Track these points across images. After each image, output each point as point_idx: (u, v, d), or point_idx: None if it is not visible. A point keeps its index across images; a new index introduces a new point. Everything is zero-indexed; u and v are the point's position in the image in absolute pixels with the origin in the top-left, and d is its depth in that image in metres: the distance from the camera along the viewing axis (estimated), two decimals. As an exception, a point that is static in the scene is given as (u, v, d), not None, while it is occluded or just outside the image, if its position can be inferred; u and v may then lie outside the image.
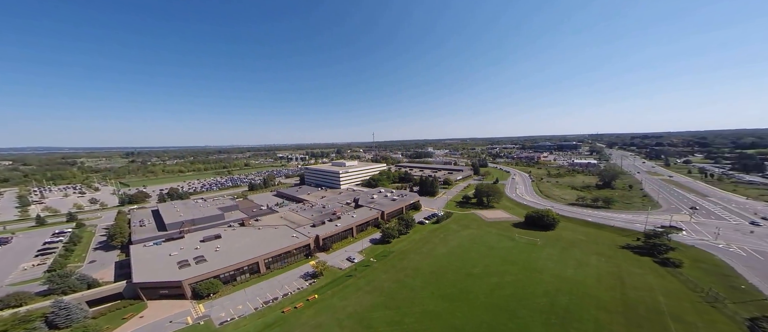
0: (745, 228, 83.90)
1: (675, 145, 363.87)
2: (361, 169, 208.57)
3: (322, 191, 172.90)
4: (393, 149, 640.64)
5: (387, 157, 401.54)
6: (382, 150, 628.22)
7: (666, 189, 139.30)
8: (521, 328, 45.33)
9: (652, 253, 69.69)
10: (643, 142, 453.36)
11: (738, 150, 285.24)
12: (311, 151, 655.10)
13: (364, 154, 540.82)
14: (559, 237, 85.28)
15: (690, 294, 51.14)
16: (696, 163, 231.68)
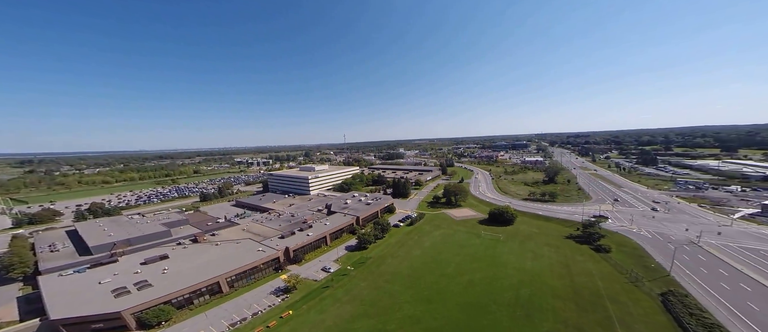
0: (648, 214, 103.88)
1: (598, 143, 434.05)
2: (333, 173, 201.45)
3: (290, 198, 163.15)
4: (366, 150, 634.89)
5: (360, 159, 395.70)
6: (354, 152, 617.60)
7: (594, 183, 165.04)
8: (493, 324, 49.00)
9: (588, 241, 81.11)
10: (576, 140, 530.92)
11: (640, 147, 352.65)
12: (275, 155, 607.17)
13: (334, 156, 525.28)
14: (517, 231, 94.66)
15: (619, 277, 61.41)
16: (613, 158, 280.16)
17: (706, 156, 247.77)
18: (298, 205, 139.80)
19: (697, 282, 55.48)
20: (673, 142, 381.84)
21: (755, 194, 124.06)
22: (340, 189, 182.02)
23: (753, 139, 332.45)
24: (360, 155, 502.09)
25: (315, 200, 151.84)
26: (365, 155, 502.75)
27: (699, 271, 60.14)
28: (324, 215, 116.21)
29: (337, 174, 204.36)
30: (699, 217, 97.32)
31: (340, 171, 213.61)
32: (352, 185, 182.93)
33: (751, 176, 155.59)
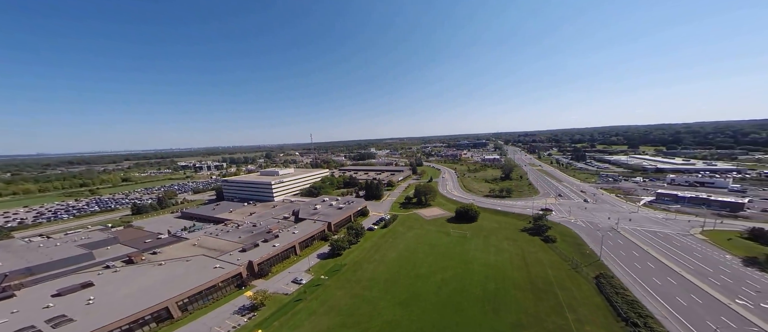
0: (582, 205, 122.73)
1: (542, 142, 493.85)
2: (299, 177, 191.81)
3: (250, 206, 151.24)
4: (335, 151, 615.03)
5: (329, 160, 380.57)
6: (322, 152, 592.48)
7: (541, 178, 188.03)
8: (466, 321, 52.94)
9: (538, 233, 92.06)
10: (525, 139, 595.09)
11: (573, 144, 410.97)
12: (230, 157, 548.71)
13: (301, 157, 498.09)
14: (481, 227, 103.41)
15: (563, 265, 71.87)
16: (554, 155, 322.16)
17: (618, 152, 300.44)
18: (261, 214, 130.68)
19: (618, 264, 68.00)
20: (596, 140, 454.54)
21: (652, 184, 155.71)
22: (308, 193, 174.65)
23: (648, 137, 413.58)
24: (329, 156, 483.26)
25: (280, 207, 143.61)
26: (335, 156, 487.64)
27: (619, 254, 73.77)
28: (291, 223, 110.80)
29: (305, 177, 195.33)
30: (616, 206, 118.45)
31: (308, 174, 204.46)
32: (322, 189, 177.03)
33: (648, 168, 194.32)
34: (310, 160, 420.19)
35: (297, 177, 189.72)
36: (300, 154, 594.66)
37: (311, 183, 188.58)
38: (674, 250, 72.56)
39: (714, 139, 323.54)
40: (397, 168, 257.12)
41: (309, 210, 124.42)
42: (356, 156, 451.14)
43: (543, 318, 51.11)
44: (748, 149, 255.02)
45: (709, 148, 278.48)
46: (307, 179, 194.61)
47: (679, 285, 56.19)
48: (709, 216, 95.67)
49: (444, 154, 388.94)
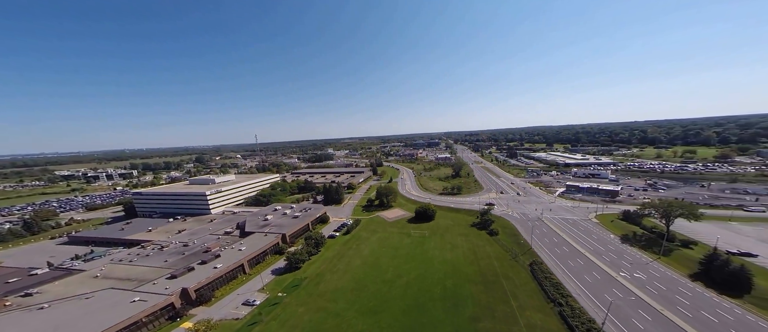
0: (516, 198, 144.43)
1: (484, 141, 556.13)
2: (243, 184, 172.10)
3: (178, 222, 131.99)
4: (286, 152, 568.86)
5: (279, 163, 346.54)
6: (271, 153, 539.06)
7: (484, 175, 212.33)
8: (432, 322, 56.38)
9: (484, 227, 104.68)
10: (470, 138, 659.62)
11: (507, 143, 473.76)
12: (143, 162, 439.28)
13: (243, 160, 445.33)
14: (438, 225, 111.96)
15: (506, 255, 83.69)
16: (493, 153, 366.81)
17: (539, 149, 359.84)
18: (194, 230, 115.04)
19: (545, 251, 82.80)
20: (524, 138, 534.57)
21: (562, 177, 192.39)
22: (255, 202, 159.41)
23: (559, 137, 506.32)
24: (279, 158, 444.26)
25: (219, 220, 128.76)
26: (286, 158, 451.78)
27: (545, 241, 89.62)
28: (236, 238, 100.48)
29: (250, 184, 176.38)
30: (540, 197, 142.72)
31: (254, 180, 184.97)
32: (273, 196, 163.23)
33: (560, 163, 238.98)
34: (256, 163, 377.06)
35: (240, 185, 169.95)
36: (242, 156, 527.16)
37: (259, 190, 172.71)
38: (579, 234, 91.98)
39: (599, 138, 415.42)
40: (357, 169, 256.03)
41: (258, 221, 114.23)
42: (312, 157, 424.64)
43: (493, 308, 59.00)
44: (619, 146, 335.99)
45: (596, 146, 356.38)
46: (253, 186, 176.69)
47: (585, 264, 71.92)
48: (599, 203, 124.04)
49: (402, 153, 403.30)
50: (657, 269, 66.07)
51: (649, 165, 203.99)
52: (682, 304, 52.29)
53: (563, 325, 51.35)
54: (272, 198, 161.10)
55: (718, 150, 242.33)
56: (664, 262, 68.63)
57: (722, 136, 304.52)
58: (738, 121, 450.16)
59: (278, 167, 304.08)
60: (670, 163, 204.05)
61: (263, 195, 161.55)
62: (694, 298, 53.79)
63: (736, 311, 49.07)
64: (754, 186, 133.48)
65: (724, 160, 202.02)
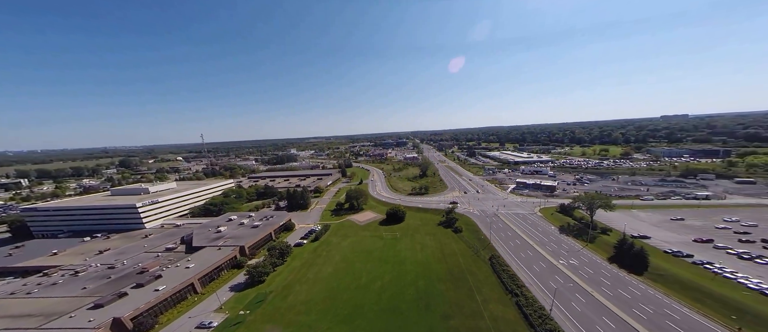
0: (476, 196, 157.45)
1: (447, 140, 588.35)
2: (187, 193, 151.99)
3: (98, 241, 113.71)
4: (242, 153, 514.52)
5: (233, 166, 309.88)
6: (222, 155, 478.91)
7: (448, 174, 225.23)
8: (406, 323, 57.96)
9: (450, 225, 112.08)
10: (435, 137, 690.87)
11: (467, 143, 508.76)
12: (37, 168, 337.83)
13: (187, 164, 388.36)
14: (408, 226, 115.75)
15: (469, 251, 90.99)
16: (455, 152, 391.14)
17: (494, 149, 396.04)
18: (122, 249, 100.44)
19: (501, 245, 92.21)
20: (481, 138, 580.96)
21: (513, 174, 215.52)
22: (204, 212, 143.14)
23: (509, 136, 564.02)
24: (233, 161, 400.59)
25: (158, 236, 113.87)
26: (242, 160, 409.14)
27: (501, 235, 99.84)
28: (181, 254, 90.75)
29: (196, 192, 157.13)
30: (496, 194, 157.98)
31: (202, 187, 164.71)
32: (226, 204, 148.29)
33: (510, 161, 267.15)
34: (204, 167, 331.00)
35: (183, 194, 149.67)
36: (185, 159, 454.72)
37: (208, 198, 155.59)
38: (528, 227, 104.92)
39: (540, 138, 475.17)
40: (324, 171, 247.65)
41: (208, 234, 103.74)
42: (272, 159, 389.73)
43: (462, 304, 63.64)
44: (555, 145, 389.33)
45: (538, 145, 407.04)
46: (199, 194, 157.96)
47: (533, 255, 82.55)
48: (542, 197, 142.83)
49: (372, 153, 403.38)
50: (586, 255, 79.36)
51: (576, 161, 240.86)
52: (605, 285, 64.09)
53: (520, 314, 58.22)
54: (225, 207, 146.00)
55: (622, 148, 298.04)
56: (590, 249, 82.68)
57: (625, 137, 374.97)
58: (635, 124, 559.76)
59: (232, 171, 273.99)
60: (591, 160, 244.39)
61: (214, 204, 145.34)
62: (613, 278, 66.36)
63: (641, 286, 62.19)
64: (646, 178, 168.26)
65: (626, 156, 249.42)
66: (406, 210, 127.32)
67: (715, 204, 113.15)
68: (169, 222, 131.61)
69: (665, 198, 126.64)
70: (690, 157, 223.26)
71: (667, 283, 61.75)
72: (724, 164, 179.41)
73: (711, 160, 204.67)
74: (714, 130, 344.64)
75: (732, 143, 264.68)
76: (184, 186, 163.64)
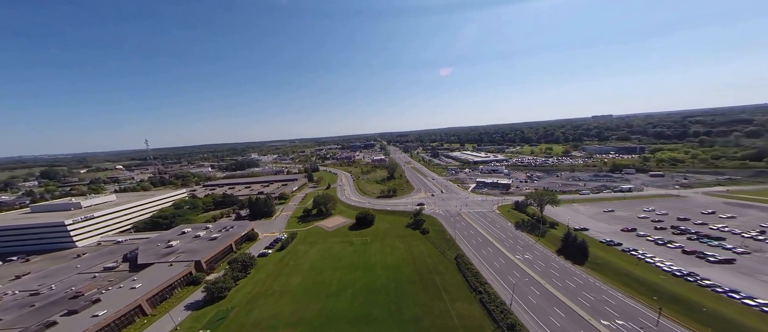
0: (440, 196, 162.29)
1: (412, 141, 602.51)
2: (130, 206, 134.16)
3: (16, 264, 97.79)
4: (195, 159, 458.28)
5: (185, 174, 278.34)
6: (172, 163, 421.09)
7: (414, 175, 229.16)
8: (379, 329, 56.47)
9: (418, 227, 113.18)
10: (401, 139, 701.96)
11: (430, 143, 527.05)
12: None
13: (129, 173, 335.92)
14: (378, 230, 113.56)
15: (436, 252, 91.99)
16: (420, 153, 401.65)
17: (455, 149, 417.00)
18: (47, 272, 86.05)
19: (465, 243, 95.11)
20: (443, 139, 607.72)
21: (473, 173, 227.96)
22: (152, 226, 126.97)
23: (468, 137, 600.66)
24: (185, 168, 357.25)
25: (94, 255, 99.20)
26: (195, 167, 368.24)
27: (464, 234, 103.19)
28: (125, 273, 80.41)
29: (140, 205, 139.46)
30: (459, 194, 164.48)
31: (148, 199, 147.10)
32: (178, 216, 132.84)
33: (470, 161, 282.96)
34: (150, 176, 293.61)
35: (125, 207, 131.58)
36: (127, 167, 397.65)
37: (156, 210, 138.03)
38: (488, 224, 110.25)
39: (495, 138, 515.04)
40: (289, 176, 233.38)
41: (157, 249, 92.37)
42: (231, 165, 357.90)
43: (431, 305, 63.42)
44: (508, 144, 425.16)
45: (494, 144, 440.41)
46: (145, 207, 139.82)
47: (494, 252, 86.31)
48: (499, 195, 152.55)
49: (339, 156, 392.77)
50: (538, 249, 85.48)
51: (526, 159, 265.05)
52: (555, 276, 69.17)
53: (484, 310, 59.63)
54: (177, 219, 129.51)
55: (564, 146, 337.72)
56: (542, 243, 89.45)
57: (565, 136, 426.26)
58: (572, 124, 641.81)
59: (184, 179, 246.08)
60: (539, 158, 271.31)
61: (163, 217, 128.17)
62: (561, 270, 72.03)
63: (583, 276, 68.43)
64: (583, 174, 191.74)
65: (567, 154, 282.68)
66: (375, 213, 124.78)
67: (635, 196, 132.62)
68: (108, 239, 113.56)
69: (598, 192, 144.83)
70: (615, 153, 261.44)
71: (603, 271, 68.90)
72: (640, 159, 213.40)
73: (631, 155, 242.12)
74: (631, 128, 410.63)
75: (645, 140, 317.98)
76: (125, 199, 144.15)
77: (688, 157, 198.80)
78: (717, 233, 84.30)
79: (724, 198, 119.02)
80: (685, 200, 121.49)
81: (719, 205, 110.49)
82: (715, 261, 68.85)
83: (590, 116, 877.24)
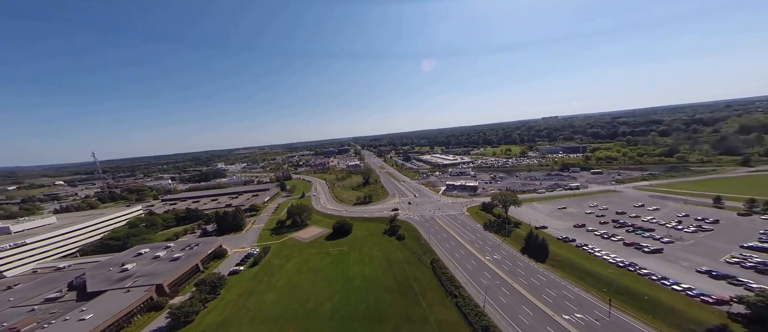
0: (414, 201, 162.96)
1: (385, 145, 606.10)
2: (74, 228, 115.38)
3: None
4: (152, 171, 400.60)
5: (141, 188, 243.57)
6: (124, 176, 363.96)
7: (388, 181, 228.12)
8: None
9: (394, 233, 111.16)
10: (375, 143, 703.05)
11: (402, 147, 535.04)
12: None
13: (71, 188, 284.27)
14: (355, 238, 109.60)
15: (412, 258, 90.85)
16: (394, 157, 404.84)
17: (426, 152, 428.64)
18: None
19: (439, 247, 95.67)
20: (414, 142, 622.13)
21: (443, 176, 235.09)
22: (103, 248, 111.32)
23: (437, 139, 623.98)
24: (140, 181, 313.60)
25: (29, 285, 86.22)
26: (153, 179, 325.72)
27: (438, 238, 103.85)
28: (72, 303, 70.52)
29: (88, 226, 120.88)
30: (431, 198, 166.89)
31: (97, 220, 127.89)
32: (134, 236, 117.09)
33: (440, 164, 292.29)
34: (97, 191, 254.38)
35: (68, 230, 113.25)
36: (69, 183, 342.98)
37: (107, 230, 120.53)
38: (459, 227, 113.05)
39: (461, 140, 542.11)
40: (260, 186, 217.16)
41: (110, 274, 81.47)
42: (195, 177, 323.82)
43: (410, 313, 62.20)
44: (474, 146, 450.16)
45: (460, 146, 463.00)
46: (92, 229, 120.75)
47: (466, 254, 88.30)
48: (467, 197, 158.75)
49: (313, 163, 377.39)
50: (505, 249, 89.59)
51: (489, 161, 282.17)
52: (521, 275, 72.68)
53: (460, 314, 59.99)
54: (132, 239, 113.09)
55: (521, 147, 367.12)
56: (508, 242, 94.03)
57: (521, 137, 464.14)
58: (526, 124, 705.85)
59: (139, 193, 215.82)
60: (500, 159, 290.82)
61: (116, 238, 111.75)
62: (526, 268, 76.03)
63: (545, 273, 72.97)
64: (538, 173, 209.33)
65: (524, 155, 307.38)
66: (352, 221, 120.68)
67: (582, 193, 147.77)
68: (47, 266, 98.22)
69: (553, 190, 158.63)
70: (563, 152, 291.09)
71: (562, 267, 74.23)
72: (583, 158, 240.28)
73: (576, 154, 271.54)
74: (574, 129, 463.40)
75: (586, 140, 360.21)
76: (68, 220, 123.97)
77: (620, 155, 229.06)
78: (648, 225, 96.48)
79: (649, 192, 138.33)
80: (620, 195, 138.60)
81: (646, 198, 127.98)
82: (649, 252, 78.44)
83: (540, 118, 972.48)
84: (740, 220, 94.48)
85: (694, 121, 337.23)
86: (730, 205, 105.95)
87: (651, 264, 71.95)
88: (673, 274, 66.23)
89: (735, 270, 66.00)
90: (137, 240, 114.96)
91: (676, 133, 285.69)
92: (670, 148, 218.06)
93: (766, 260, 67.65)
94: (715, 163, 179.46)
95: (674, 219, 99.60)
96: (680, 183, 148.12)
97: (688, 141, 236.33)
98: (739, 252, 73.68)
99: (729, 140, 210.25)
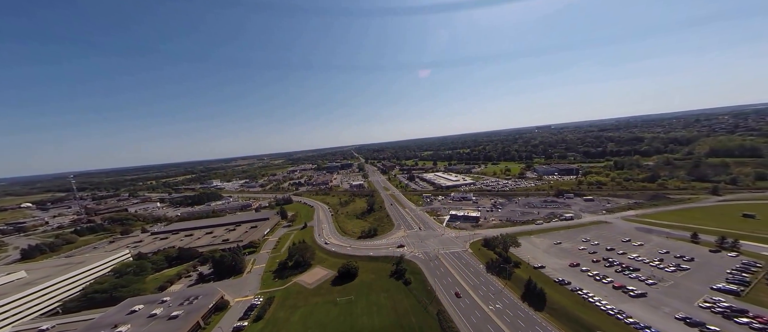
0: (419, 234, 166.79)
1: (389, 159, 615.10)
2: (53, 283, 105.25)
3: None
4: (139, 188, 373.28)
5: (126, 218, 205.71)
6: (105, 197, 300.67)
7: (393, 207, 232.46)
8: None
9: (400, 276, 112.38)
10: (377, 154, 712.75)
11: (406, 162, 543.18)
12: None
13: (41, 214, 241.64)
14: (362, 282, 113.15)
15: (419, 307, 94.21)
16: (397, 175, 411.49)
17: (429, 169, 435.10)
18: None
19: (444, 295, 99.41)
20: (417, 154, 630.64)
21: (446, 201, 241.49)
22: (88, 303, 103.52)
23: (439, 150, 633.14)
24: (123, 203, 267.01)
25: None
26: (139, 201, 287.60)
27: (443, 283, 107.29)
28: None
29: (67, 279, 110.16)
30: (435, 229, 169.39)
31: (76, 271, 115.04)
32: (123, 287, 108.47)
33: (443, 186, 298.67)
34: (73, 219, 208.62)
35: (40, 287, 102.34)
36: (39, 205, 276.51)
37: (90, 279, 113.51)
38: (463, 268, 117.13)
39: (462, 154, 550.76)
40: (259, 215, 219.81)
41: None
42: (188, 199, 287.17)
43: None
44: (474, 164, 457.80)
45: (461, 163, 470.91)
46: (73, 281, 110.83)
47: (471, 304, 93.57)
48: (470, 229, 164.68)
49: (315, 182, 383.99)
50: (507, 296, 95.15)
51: (490, 183, 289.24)
52: (521, 328, 78.30)
53: (465, 377, 64.79)
54: (120, 289, 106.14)
55: (519, 165, 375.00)
56: (509, 288, 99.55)
57: (519, 153, 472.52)
58: (522, 133, 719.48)
59: (124, 224, 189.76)
60: (500, 180, 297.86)
61: (101, 291, 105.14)
62: (526, 320, 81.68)
63: (543, 324, 78.28)
64: (535, 199, 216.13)
65: (522, 176, 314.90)
66: (358, 263, 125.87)
67: (576, 224, 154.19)
68: (27, 328, 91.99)
69: (549, 220, 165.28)
70: (558, 174, 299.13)
71: (559, 317, 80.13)
72: (576, 182, 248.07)
73: (570, 177, 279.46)
74: (567, 144, 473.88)
75: (578, 158, 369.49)
76: (42, 273, 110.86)
77: (608, 179, 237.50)
78: (634, 263, 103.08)
79: (635, 224, 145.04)
80: (610, 226, 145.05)
81: (633, 232, 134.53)
82: (635, 296, 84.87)
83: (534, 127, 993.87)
84: (712, 258, 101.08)
85: (671, 140, 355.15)
86: (704, 239, 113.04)
87: (637, 310, 77.86)
88: (656, 322, 72.39)
89: (706, 316, 72.11)
90: (126, 291, 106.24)
91: (657, 156, 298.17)
92: (652, 174, 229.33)
93: (732, 305, 74.18)
94: (691, 191, 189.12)
95: (656, 257, 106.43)
96: (662, 213, 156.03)
97: (668, 167, 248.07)
98: (709, 295, 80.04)
99: (701, 167, 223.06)
